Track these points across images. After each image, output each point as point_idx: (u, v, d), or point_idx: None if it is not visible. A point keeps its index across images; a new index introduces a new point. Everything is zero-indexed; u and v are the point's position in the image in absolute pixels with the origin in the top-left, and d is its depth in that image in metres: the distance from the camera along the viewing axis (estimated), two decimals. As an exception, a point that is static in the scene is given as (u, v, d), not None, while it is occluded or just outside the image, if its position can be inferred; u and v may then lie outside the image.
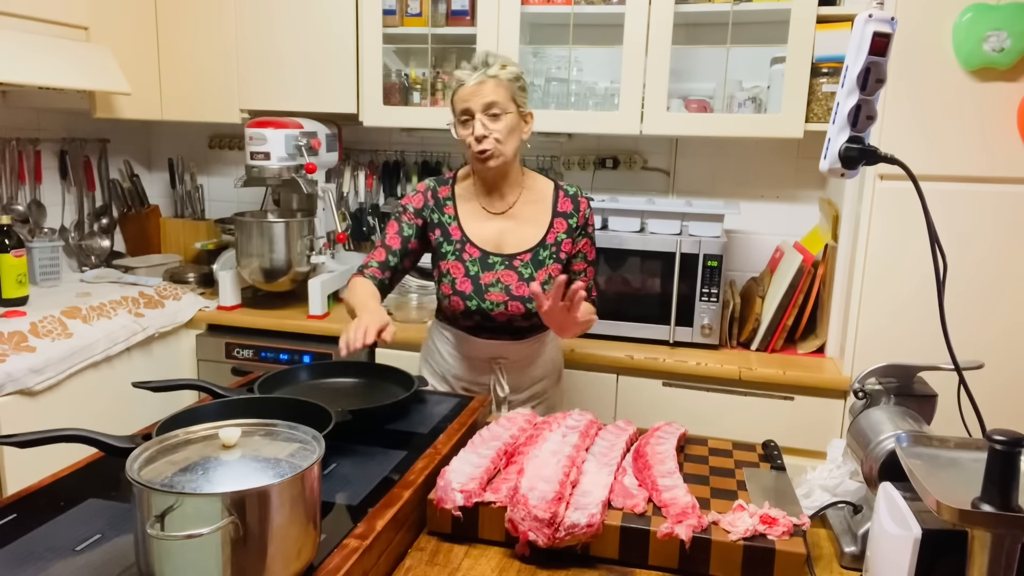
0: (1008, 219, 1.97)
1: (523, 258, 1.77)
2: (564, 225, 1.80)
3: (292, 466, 0.92)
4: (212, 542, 0.84)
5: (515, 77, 1.70)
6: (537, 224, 1.79)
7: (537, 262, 1.77)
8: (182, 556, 0.85)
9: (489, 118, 1.66)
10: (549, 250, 1.78)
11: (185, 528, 0.83)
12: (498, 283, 1.76)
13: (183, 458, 0.93)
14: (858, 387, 1.28)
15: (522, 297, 1.75)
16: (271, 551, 0.88)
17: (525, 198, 1.81)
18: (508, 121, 1.68)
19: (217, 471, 0.91)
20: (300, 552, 0.93)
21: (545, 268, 1.77)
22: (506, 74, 1.67)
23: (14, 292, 2.29)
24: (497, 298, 1.76)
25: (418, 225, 1.81)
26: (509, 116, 1.68)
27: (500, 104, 1.66)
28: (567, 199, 1.81)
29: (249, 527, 0.86)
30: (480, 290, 1.76)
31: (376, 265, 1.77)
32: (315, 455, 0.95)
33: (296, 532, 0.91)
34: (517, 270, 1.76)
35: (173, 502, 0.83)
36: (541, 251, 1.78)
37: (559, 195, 1.82)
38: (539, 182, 1.84)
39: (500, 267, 1.77)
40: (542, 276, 1.76)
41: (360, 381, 1.64)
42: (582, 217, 1.81)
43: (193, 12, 2.69)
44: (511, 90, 1.68)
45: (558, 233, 1.79)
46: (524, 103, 1.72)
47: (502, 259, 1.77)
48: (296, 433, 1.01)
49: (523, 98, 1.72)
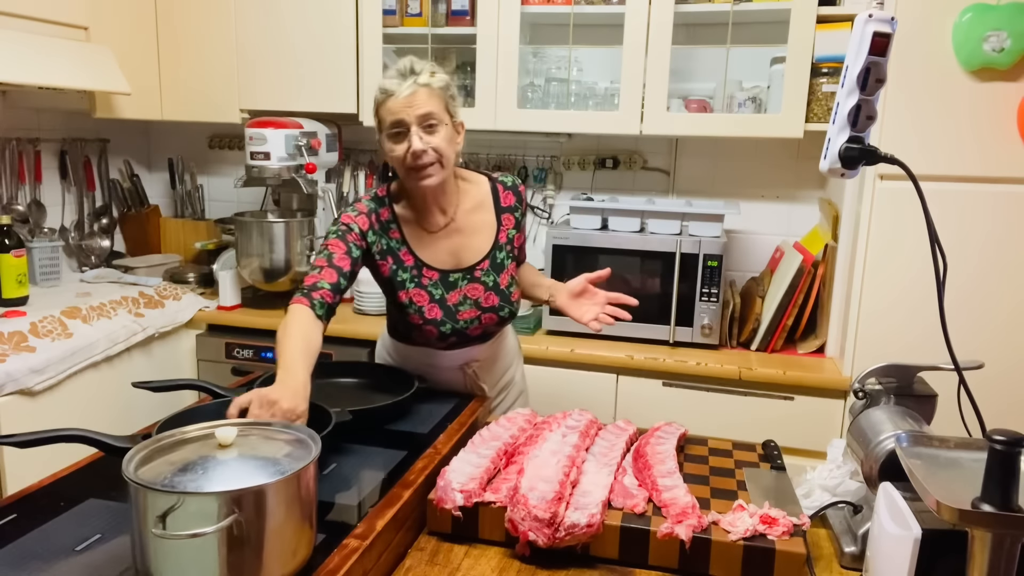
0: (1008, 219, 1.97)
1: (483, 267, 1.68)
2: (512, 220, 1.72)
3: (289, 465, 0.92)
4: (212, 541, 0.85)
5: (446, 85, 1.56)
6: (485, 229, 1.69)
7: (497, 266, 1.69)
8: (182, 555, 0.86)
9: (425, 130, 1.51)
10: (504, 250, 1.70)
11: (188, 527, 0.83)
12: (466, 300, 1.67)
13: (180, 458, 0.93)
14: (858, 387, 1.28)
15: (493, 307, 1.68)
16: (268, 549, 0.89)
17: (464, 206, 1.69)
18: (445, 132, 1.54)
19: (215, 471, 0.91)
20: (297, 550, 0.93)
21: (506, 270, 1.69)
22: (437, 82, 1.53)
23: (14, 292, 2.29)
24: (470, 315, 1.68)
25: (363, 248, 1.62)
26: (445, 127, 1.54)
27: (436, 115, 1.52)
28: (507, 192, 1.72)
29: (249, 525, 0.86)
30: (451, 312, 1.66)
31: (328, 287, 1.50)
32: (312, 454, 0.95)
33: (293, 530, 0.92)
34: (480, 280, 1.67)
35: (175, 502, 0.84)
36: (497, 254, 1.69)
37: (498, 191, 1.71)
38: (474, 185, 1.72)
39: (463, 283, 1.67)
40: (505, 279, 1.69)
41: (360, 381, 1.64)
42: (524, 203, 1.75)
43: (193, 12, 2.69)
44: (444, 99, 1.55)
45: (508, 230, 1.71)
46: (456, 112, 1.59)
47: (463, 273, 1.67)
48: (292, 433, 1.02)
49: (455, 107, 1.59)
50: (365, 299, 2.62)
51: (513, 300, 1.70)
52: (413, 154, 1.51)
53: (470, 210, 1.69)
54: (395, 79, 1.51)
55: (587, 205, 2.45)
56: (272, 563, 0.90)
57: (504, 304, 1.69)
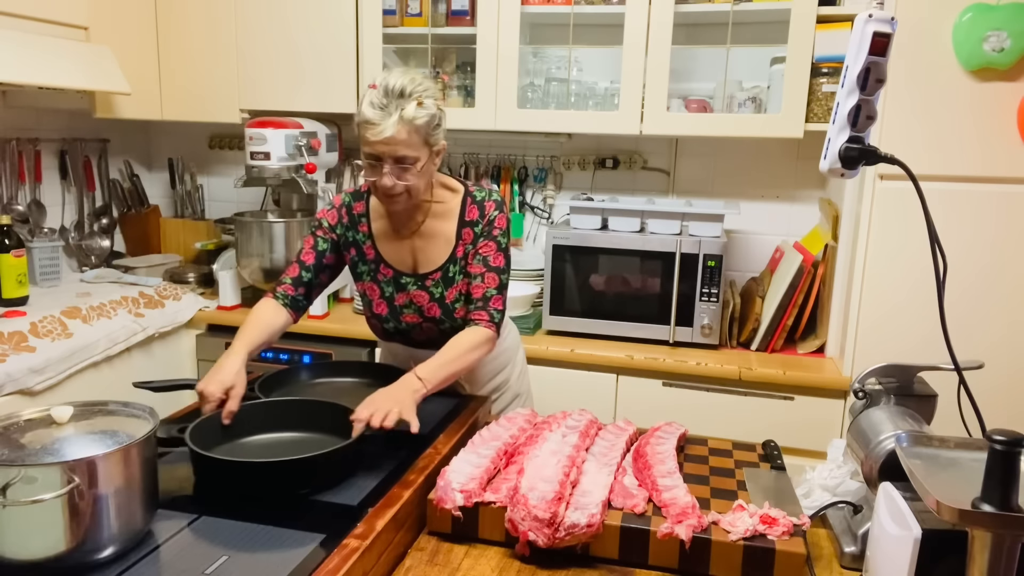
0: (1008, 219, 1.97)
1: (434, 277, 1.67)
2: (471, 235, 1.66)
3: (129, 436, 1.01)
4: (54, 507, 0.92)
5: (430, 119, 1.51)
6: (445, 240, 1.67)
7: (447, 280, 1.67)
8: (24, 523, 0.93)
9: (399, 169, 1.51)
10: (459, 265, 1.67)
11: (29, 496, 0.91)
12: (411, 304, 1.69)
13: (26, 440, 1.00)
14: (858, 387, 1.28)
15: (434, 318, 1.68)
16: (107, 515, 0.97)
17: (434, 213, 1.67)
18: (419, 168, 1.53)
19: (54, 446, 0.98)
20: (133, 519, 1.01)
21: (455, 286, 1.67)
22: (421, 117, 1.48)
23: (14, 292, 2.29)
24: (412, 319, 1.70)
25: (333, 240, 1.70)
26: (421, 163, 1.52)
27: (410, 157, 1.50)
28: (473, 206, 1.66)
29: (88, 492, 0.94)
30: (396, 312, 1.70)
31: (289, 282, 1.66)
32: (151, 426, 1.04)
33: (133, 498, 1.00)
34: (428, 289, 1.67)
35: (15, 474, 0.90)
36: (451, 267, 1.67)
37: (467, 204, 1.67)
38: (448, 190, 1.69)
39: (412, 287, 1.68)
40: (452, 295, 1.67)
41: (359, 381, 1.64)
42: (486, 220, 1.66)
43: (193, 12, 2.69)
44: (424, 134, 1.51)
45: (466, 245, 1.66)
46: (438, 140, 1.56)
47: (414, 279, 1.68)
48: (132, 410, 1.09)
49: (437, 136, 1.55)
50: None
51: (456, 316, 1.67)
52: (383, 188, 1.53)
53: (437, 217, 1.68)
54: (378, 111, 1.47)
55: (587, 205, 2.45)
56: (111, 529, 0.97)
57: (445, 319, 1.68)
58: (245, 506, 1.11)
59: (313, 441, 1.32)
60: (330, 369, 1.66)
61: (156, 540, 1.02)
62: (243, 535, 1.04)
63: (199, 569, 0.95)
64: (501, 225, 1.67)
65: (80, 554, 0.95)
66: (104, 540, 0.97)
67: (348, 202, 1.71)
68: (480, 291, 1.63)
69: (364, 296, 1.73)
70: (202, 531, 1.05)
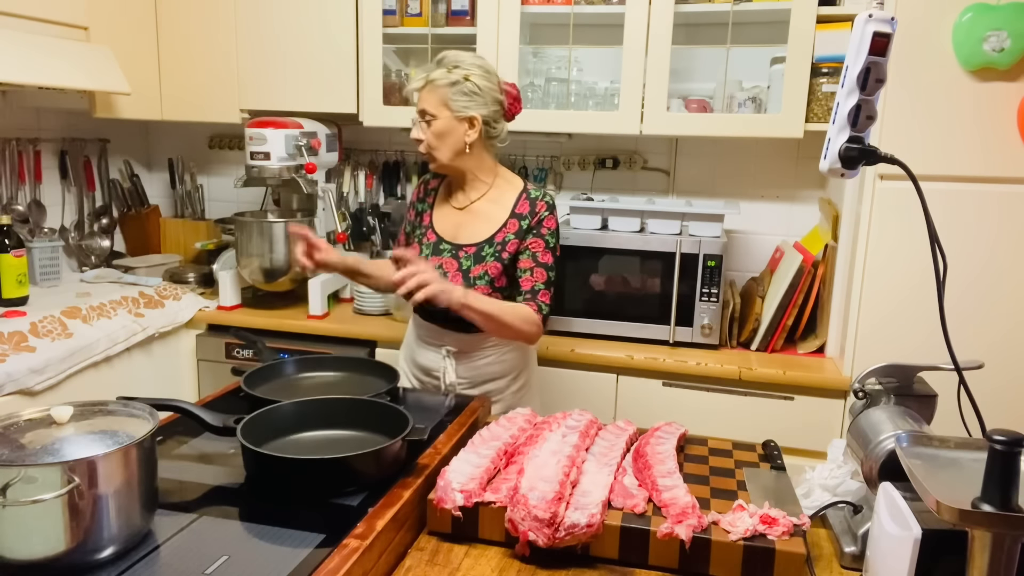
0: (1008, 219, 1.97)
1: (468, 250, 1.81)
2: (516, 226, 1.80)
3: (129, 436, 1.01)
4: (54, 507, 0.92)
5: (453, 82, 1.71)
6: (491, 222, 1.82)
7: (479, 256, 1.80)
8: (24, 523, 0.93)
9: (424, 124, 1.76)
10: (494, 247, 1.80)
11: (29, 496, 0.91)
12: (439, 268, 1.80)
13: (26, 440, 1.00)
14: (858, 387, 1.28)
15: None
16: (107, 515, 0.97)
17: (489, 196, 1.84)
18: (438, 126, 1.74)
19: (54, 446, 0.98)
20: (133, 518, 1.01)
21: (483, 264, 1.79)
22: (445, 79, 1.71)
23: (14, 292, 2.29)
24: None
25: (409, 219, 1.97)
26: (439, 122, 1.73)
27: (430, 111, 1.74)
28: (527, 201, 1.82)
29: (88, 492, 0.94)
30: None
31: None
32: (151, 426, 1.04)
33: (133, 498, 1.00)
34: (459, 259, 1.81)
35: (15, 474, 0.90)
36: (486, 247, 1.80)
37: (521, 197, 1.83)
38: (509, 184, 1.86)
39: (446, 254, 1.83)
40: (477, 271, 1.79)
41: (344, 375, 1.64)
42: (536, 218, 1.80)
43: (193, 12, 2.69)
44: (445, 95, 1.72)
45: (508, 233, 1.80)
46: (463, 108, 1.73)
47: (451, 248, 1.83)
48: (132, 410, 1.09)
49: (463, 102, 1.73)
50: (365, 299, 2.62)
51: (475, 291, 1.75)
52: (414, 139, 1.80)
53: (491, 200, 1.84)
54: (418, 71, 1.79)
55: (587, 205, 2.45)
56: (111, 529, 0.97)
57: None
58: (266, 504, 1.12)
59: (357, 439, 1.32)
60: (313, 364, 1.66)
61: (156, 540, 1.02)
62: (243, 535, 1.04)
63: (199, 569, 0.95)
64: (550, 226, 1.82)
65: (80, 554, 0.95)
66: (104, 540, 0.97)
67: (427, 178, 1.97)
68: (529, 284, 1.77)
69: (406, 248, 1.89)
70: (202, 531, 1.05)
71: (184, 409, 1.28)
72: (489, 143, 1.83)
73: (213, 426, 1.26)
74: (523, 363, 1.95)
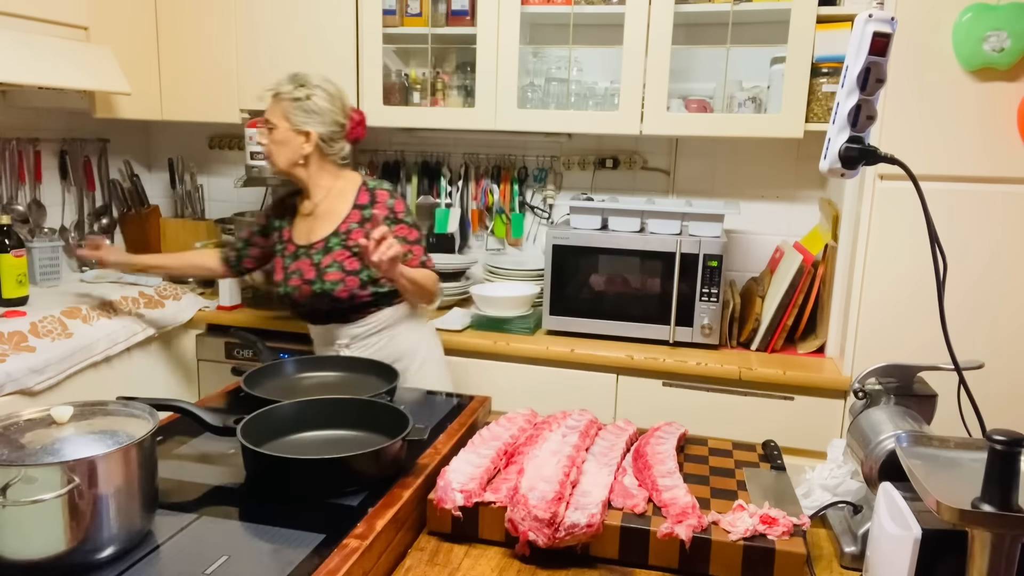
0: (1008, 219, 1.97)
1: (318, 246, 1.99)
2: (359, 216, 1.99)
3: (129, 436, 1.01)
4: (54, 508, 0.92)
5: (296, 98, 1.92)
6: (335, 216, 2.00)
7: (327, 249, 1.98)
8: (24, 523, 0.93)
9: (266, 130, 1.97)
10: (340, 237, 1.97)
11: (29, 496, 0.91)
12: (298, 270, 2.01)
13: (26, 440, 1.00)
14: (858, 387, 1.28)
15: (309, 280, 1.98)
16: (107, 515, 0.97)
17: (331, 196, 2.02)
18: (277, 135, 1.95)
19: (54, 446, 0.98)
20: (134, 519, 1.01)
21: (331, 254, 1.97)
22: (291, 94, 1.93)
23: (14, 292, 2.29)
24: (295, 283, 2.01)
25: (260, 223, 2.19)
26: (278, 132, 1.94)
27: (271, 121, 1.95)
28: (366, 192, 2.01)
29: (88, 492, 0.94)
30: (287, 276, 2.03)
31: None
32: (150, 426, 1.04)
33: (133, 498, 1.00)
34: (311, 257, 1.99)
35: (15, 474, 0.90)
36: (333, 239, 1.98)
37: (361, 190, 2.02)
38: (349, 182, 2.04)
39: (303, 257, 2.01)
40: (327, 261, 1.97)
41: (344, 375, 1.64)
42: (381, 207, 1.99)
43: (193, 12, 2.69)
44: (287, 109, 1.93)
45: (351, 223, 1.98)
46: (301, 123, 1.93)
47: (305, 250, 2.01)
48: (132, 410, 1.09)
49: (302, 118, 1.93)
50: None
51: (326, 279, 1.96)
52: (259, 143, 2.06)
53: (334, 199, 2.02)
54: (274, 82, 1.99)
55: (587, 205, 2.45)
56: (111, 529, 0.97)
57: (316, 280, 1.97)
58: (271, 502, 1.12)
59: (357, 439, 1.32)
60: (312, 364, 1.66)
61: (156, 540, 1.02)
62: (243, 535, 1.04)
63: (199, 569, 0.95)
64: (401, 208, 2.01)
65: (80, 554, 0.95)
66: (104, 540, 0.97)
67: (282, 195, 2.16)
68: (416, 262, 1.97)
69: (274, 270, 2.10)
70: (202, 531, 1.05)
71: (184, 409, 1.28)
72: (328, 157, 2.01)
73: (213, 426, 1.26)
74: (417, 339, 2.08)
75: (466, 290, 2.75)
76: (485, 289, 2.58)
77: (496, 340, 2.38)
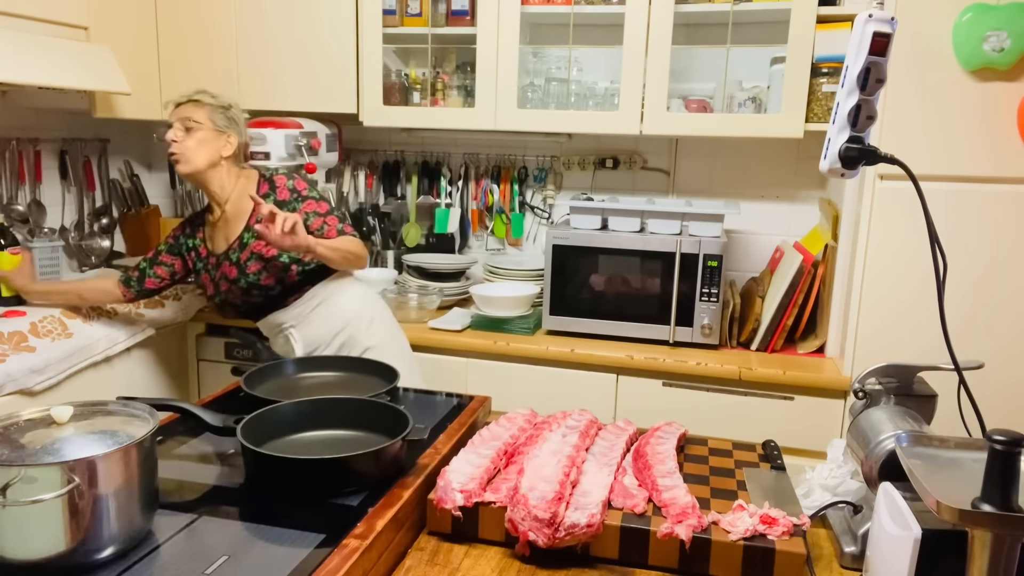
0: (1009, 219, 1.97)
1: (234, 246, 2.03)
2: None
3: (129, 436, 1.01)
4: (54, 507, 0.92)
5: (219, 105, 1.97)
6: (242, 215, 2.03)
7: (242, 245, 2.02)
8: (24, 523, 0.93)
9: (184, 130, 1.94)
10: (252, 232, 2.00)
11: (29, 496, 0.91)
12: (223, 275, 2.04)
13: (26, 440, 1.00)
14: (858, 387, 1.28)
15: (234, 279, 2.02)
16: (107, 515, 0.97)
17: (235, 197, 2.04)
18: (201, 134, 1.95)
19: (55, 446, 0.98)
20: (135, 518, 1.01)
21: (247, 249, 2.01)
22: (213, 101, 1.97)
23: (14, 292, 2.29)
24: (224, 287, 2.05)
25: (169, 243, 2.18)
26: (203, 131, 1.95)
27: (195, 119, 1.94)
28: (264, 182, 2.05)
29: (88, 492, 0.94)
30: (216, 285, 2.07)
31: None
32: (150, 426, 1.04)
33: (133, 498, 1.00)
34: (231, 259, 2.03)
35: (15, 474, 0.90)
36: (245, 235, 2.02)
37: (260, 183, 2.05)
38: (248, 179, 2.06)
39: (224, 263, 2.04)
40: (245, 256, 2.01)
41: (344, 375, 1.64)
42: (283, 191, 2.02)
43: (193, 12, 2.69)
44: (211, 112, 1.96)
45: (257, 216, 1.95)
46: (225, 126, 1.97)
47: (223, 255, 2.05)
48: (132, 410, 1.09)
49: (224, 122, 1.97)
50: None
51: (249, 272, 2.00)
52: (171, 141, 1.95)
53: (237, 199, 2.04)
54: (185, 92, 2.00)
55: (587, 205, 2.45)
56: (111, 529, 0.97)
57: (240, 276, 2.01)
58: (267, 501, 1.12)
59: (357, 439, 1.32)
60: (312, 364, 1.66)
61: (156, 540, 1.02)
62: (243, 535, 1.04)
63: (199, 569, 0.95)
64: (303, 187, 2.05)
65: (80, 554, 0.95)
66: (104, 540, 0.97)
67: (191, 216, 2.17)
68: (333, 232, 2.00)
69: (204, 288, 2.13)
70: (202, 531, 1.05)
71: (184, 409, 1.28)
72: (236, 163, 2.05)
73: (213, 426, 1.26)
74: (358, 301, 2.11)
75: (466, 290, 2.75)
76: (485, 289, 2.58)
77: (496, 340, 2.38)
